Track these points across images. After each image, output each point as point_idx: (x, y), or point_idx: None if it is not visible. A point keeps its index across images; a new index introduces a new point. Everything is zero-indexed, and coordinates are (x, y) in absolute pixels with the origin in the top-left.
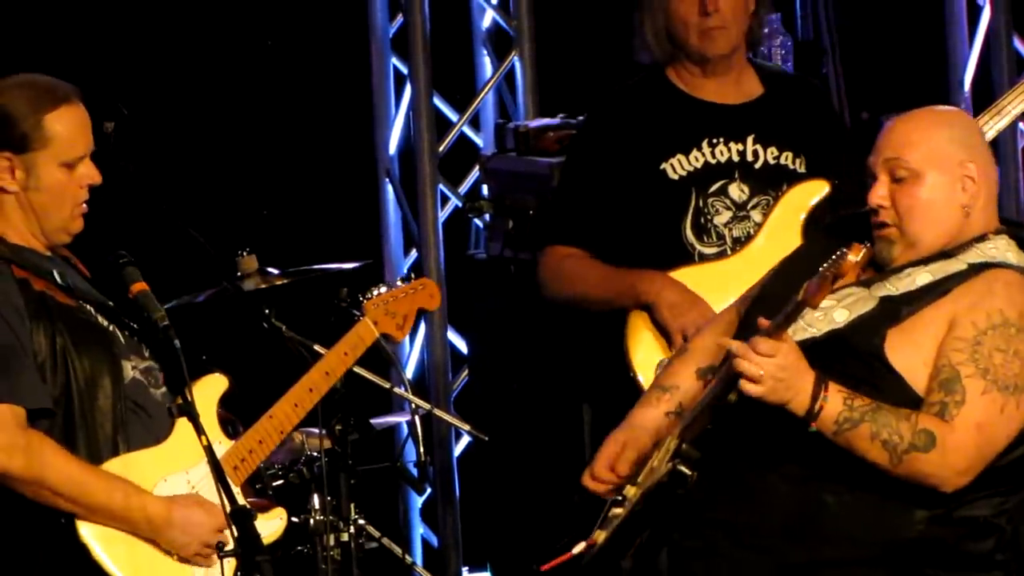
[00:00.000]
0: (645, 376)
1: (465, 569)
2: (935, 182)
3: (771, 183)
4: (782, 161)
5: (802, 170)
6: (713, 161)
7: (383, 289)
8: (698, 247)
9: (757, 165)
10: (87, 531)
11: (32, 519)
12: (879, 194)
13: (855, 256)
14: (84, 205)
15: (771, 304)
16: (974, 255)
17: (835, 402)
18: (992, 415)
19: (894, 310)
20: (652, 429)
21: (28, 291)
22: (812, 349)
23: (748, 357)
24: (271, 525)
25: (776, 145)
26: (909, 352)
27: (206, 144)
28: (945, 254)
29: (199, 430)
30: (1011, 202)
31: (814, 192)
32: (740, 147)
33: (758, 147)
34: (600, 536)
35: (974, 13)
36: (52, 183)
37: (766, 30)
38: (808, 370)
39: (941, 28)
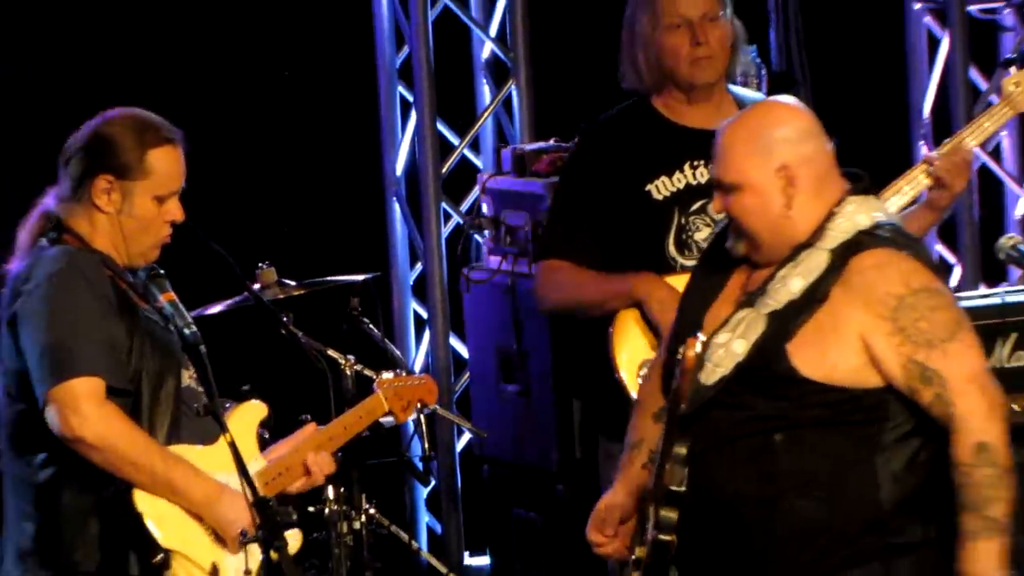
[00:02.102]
0: (628, 374)
1: (466, 553)
2: (752, 195)
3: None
4: None
5: None
6: (694, 182)
7: (392, 374)
8: (680, 261)
9: None
10: (143, 503)
11: (91, 487)
12: (716, 205)
13: (691, 352)
14: (166, 238)
15: (680, 341)
16: (830, 239)
17: (983, 556)
18: (963, 361)
19: (783, 327)
20: (634, 486)
21: (115, 287)
22: (729, 385)
23: None
24: (292, 541)
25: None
26: (816, 358)
27: (229, 165)
28: (804, 245)
29: (223, 428)
30: (965, 223)
31: None
32: None
33: None
34: None
35: (933, 45)
36: (143, 212)
37: (742, 61)
38: None
39: (902, 59)
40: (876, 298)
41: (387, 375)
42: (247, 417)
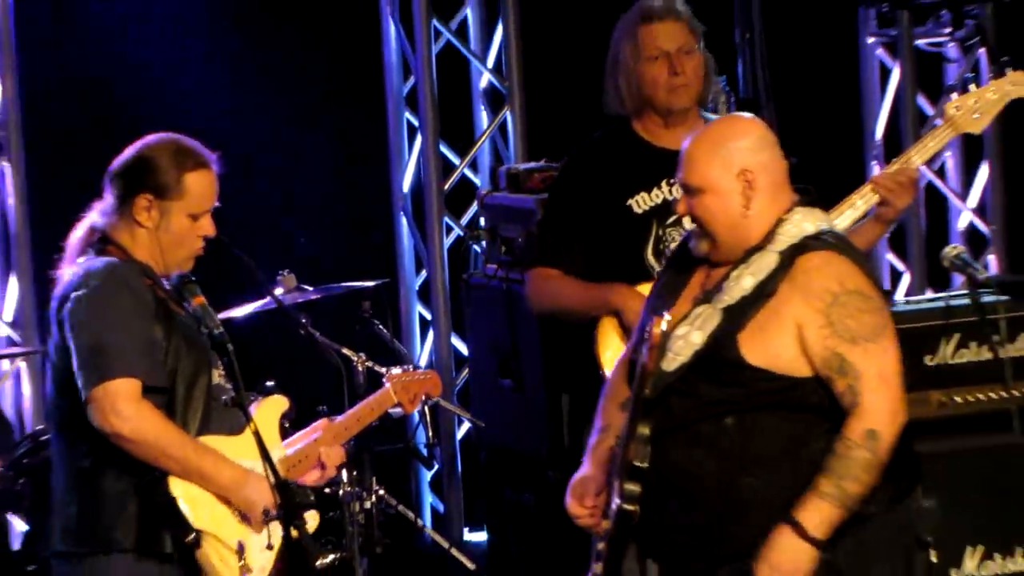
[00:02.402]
0: (611, 371)
1: (466, 530)
2: (715, 194)
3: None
4: None
5: None
6: (671, 197)
7: (401, 370)
8: (657, 268)
9: None
10: (176, 487)
11: (130, 473)
12: (681, 207)
13: (657, 329)
14: (200, 251)
15: (644, 338)
16: (779, 242)
17: (814, 511)
18: (881, 361)
19: (735, 319)
20: (602, 465)
21: (154, 295)
22: (687, 373)
23: None
24: (310, 520)
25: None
26: (761, 347)
27: (256, 184)
28: (756, 248)
29: (248, 417)
30: (913, 234)
31: None
32: None
33: None
34: (599, 568)
35: (885, 75)
36: (178, 228)
37: (714, 89)
38: (785, 540)
39: (857, 87)
40: (814, 293)
41: (396, 371)
42: (271, 410)
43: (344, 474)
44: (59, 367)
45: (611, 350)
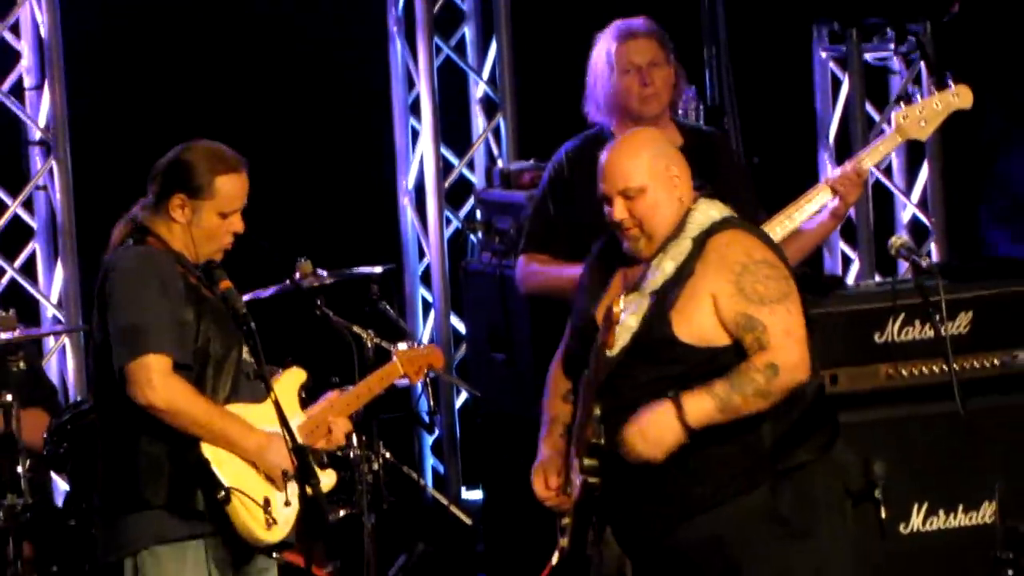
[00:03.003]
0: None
1: (464, 489)
2: (654, 189)
3: (711, 195)
4: None
5: None
6: None
7: (407, 345)
8: None
9: None
10: (208, 451)
11: (163, 438)
12: (619, 213)
13: (617, 307)
14: (229, 245)
15: (578, 333)
16: (690, 229)
17: (699, 405)
18: (787, 319)
19: (664, 298)
20: (557, 451)
21: (186, 281)
22: (627, 356)
23: (638, 450)
24: (327, 479)
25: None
26: (687, 324)
27: (278, 181)
28: (671, 237)
29: (268, 387)
30: (862, 226)
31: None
32: None
33: None
34: (564, 542)
35: (836, 86)
36: (209, 225)
37: (684, 97)
38: (662, 408)
39: (812, 96)
40: (726, 265)
41: (402, 346)
42: (290, 381)
43: (354, 439)
44: (98, 343)
45: None
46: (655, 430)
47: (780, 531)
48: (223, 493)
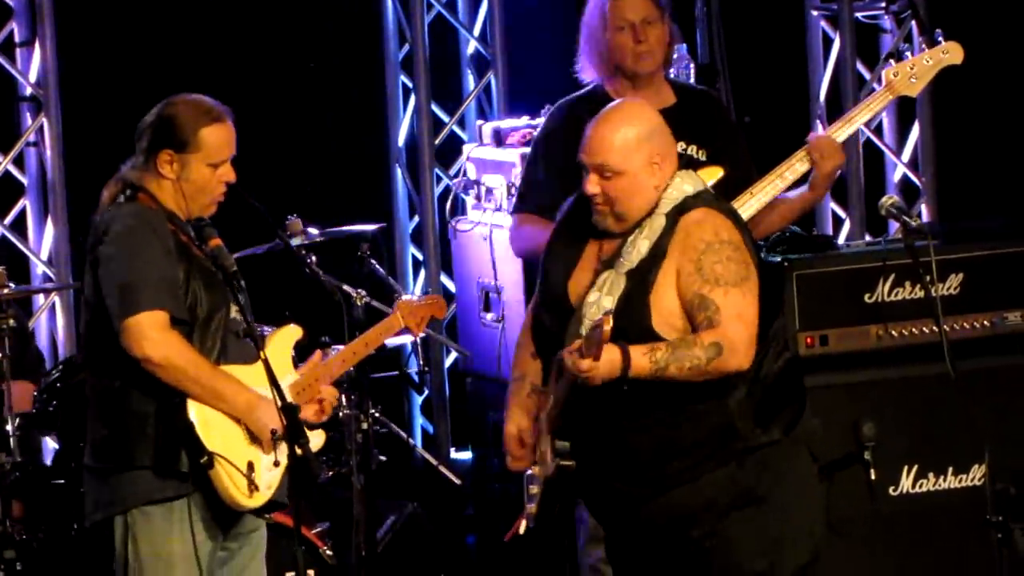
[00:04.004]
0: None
1: (452, 449)
2: (632, 175)
3: (685, 166)
4: (689, 152)
5: (703, 159)
6: None
7: (409, 296)
8: None
9: None
10: (193, 412)
11: (152, 398)
12: (592, 188)
13: (607, 326)
14: (221, 196)
15: (548, 302)
16: (664, 205)
17: (641, 363)
18: (740, 303)
19: (642, 280)
20: (526, 408)
21: (177, 240)
22: None
23: (585, 374)
24: (316, 439)
25: (685, 140)
26: (661, 314)
27: (267, 138)
28: (648, 214)
29: (258, 346)
30: (853, 185)
31: (712, 175)
32: None
33: None
34: (532, 509)
35: (827, 44)
36: (198, 177)
37: (676, 56)
38: (615, 352)
39: (803, 55)
40: (691, 244)
41: (406, 297)
42: (285, 338)
43: (344, 398)
44: (91, 302)
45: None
46: (605, 369)
47: (747, 502)
48: (206, 458)
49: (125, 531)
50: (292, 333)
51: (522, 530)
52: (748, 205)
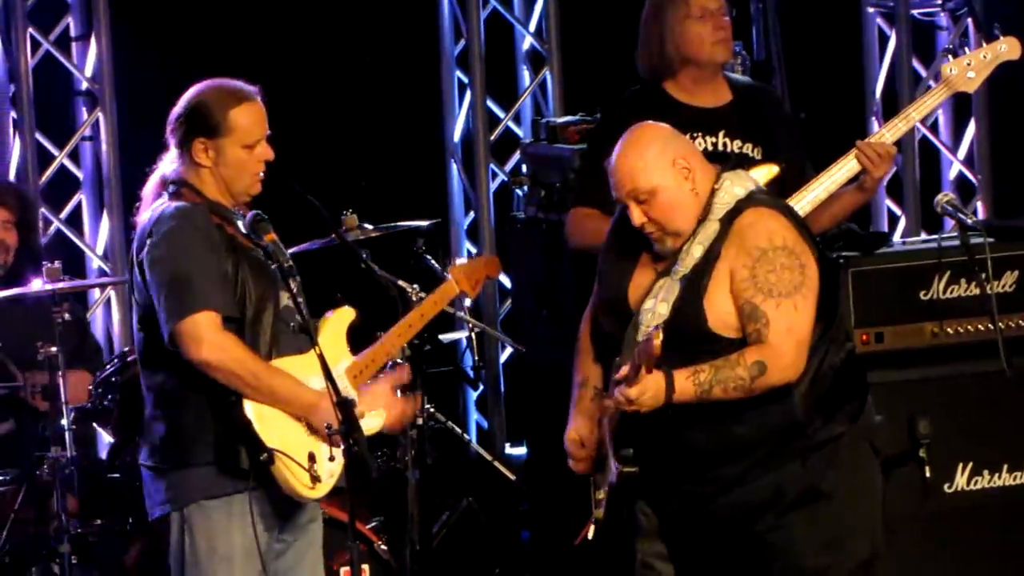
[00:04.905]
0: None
1: (507, 445)
2: (666, 189)
3: (737, 165)
4: (744, 150)
5: (758, 157)
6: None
7: (464, 260)
8: None
9: (725, 153)
10: (250, 410)
11: (209, 397)
12: (637, 218)
13: (657, 340)
14: (261, 174)
15: (607, 305)
16: (716, 211)
17: (685, 387)
18: (791, 316)
19: (696, 285)
20: (588, 413)
21: (222, 232)
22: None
23: (630, 407)
24: (375, 420)
25: (740, 138)
26: (718, 314)
27: (324, 134)
28: (700, 219)
29: (314, 342)
30: (908, 183)
31: (766, 173)
32: (713, 139)
33: (727, 140)
34: (599, 514)
35: (883, 41)
36: (235, 161)
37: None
38: (659, 379)
39: (859, 52)
40: (745, 249)
41: (460, 261)
42: (338, 322)
43: (399, 394)
44: (141, 304)
45: None
46: (650, 396)
47: (811, 498)
48: (266, 455)
49: (182, 525)
50: (345, 315)
51: (590, 535)
52: (801, 204)
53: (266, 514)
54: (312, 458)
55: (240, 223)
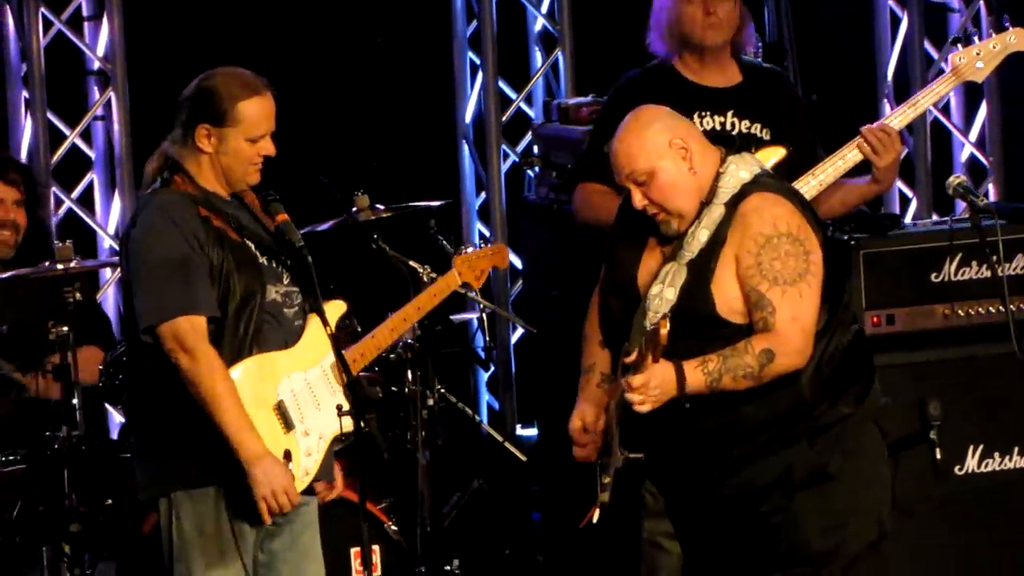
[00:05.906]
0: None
1: (519, 426)
2: (663, 168)
3: (743, 147)
4: (752, 131)
5: (767, 138)
6: (701, 128)
7: (470, 249)
8: None
9: (733, 133)
10: None
11: (187, 400)
12: (638, 201)
13: (664, 330)
14: (260, 164)
15: (616, 288)
16: (722, 194)
17: (696, 377)
18: (796, 304)
19: (703, 269)
20: (595, 399)
21: (208, 226)
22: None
23: (638, 397)
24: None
25: (749, 119)
26: (725, 299)
27: (336, 115)
28: (704, 203)
29: (325, 323)
30: (920, 165)
31: (774, 155)
32: (722, 119)
33: (735, 119)
34: (605, 497)
35: (895, 24)
36: (236, 151)
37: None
38: (669, 371)
39: (870, 34)
40: (750, 235)
41: (468, 250)
42: (330, 312)
43: (410, 374)
44: (127, 295)
45: None
46: (658, 387)
47: (818, 480)
48: None
49: (169, 510)
50: (336, 308)
51: (595, 519)
52: (807, 188)
53: (250, 504)
54: (288, 456)
55: (231, 215)
